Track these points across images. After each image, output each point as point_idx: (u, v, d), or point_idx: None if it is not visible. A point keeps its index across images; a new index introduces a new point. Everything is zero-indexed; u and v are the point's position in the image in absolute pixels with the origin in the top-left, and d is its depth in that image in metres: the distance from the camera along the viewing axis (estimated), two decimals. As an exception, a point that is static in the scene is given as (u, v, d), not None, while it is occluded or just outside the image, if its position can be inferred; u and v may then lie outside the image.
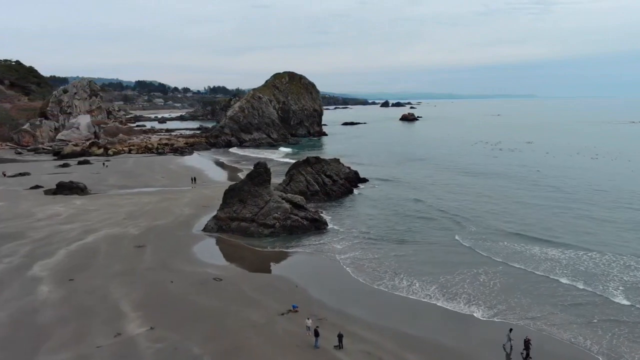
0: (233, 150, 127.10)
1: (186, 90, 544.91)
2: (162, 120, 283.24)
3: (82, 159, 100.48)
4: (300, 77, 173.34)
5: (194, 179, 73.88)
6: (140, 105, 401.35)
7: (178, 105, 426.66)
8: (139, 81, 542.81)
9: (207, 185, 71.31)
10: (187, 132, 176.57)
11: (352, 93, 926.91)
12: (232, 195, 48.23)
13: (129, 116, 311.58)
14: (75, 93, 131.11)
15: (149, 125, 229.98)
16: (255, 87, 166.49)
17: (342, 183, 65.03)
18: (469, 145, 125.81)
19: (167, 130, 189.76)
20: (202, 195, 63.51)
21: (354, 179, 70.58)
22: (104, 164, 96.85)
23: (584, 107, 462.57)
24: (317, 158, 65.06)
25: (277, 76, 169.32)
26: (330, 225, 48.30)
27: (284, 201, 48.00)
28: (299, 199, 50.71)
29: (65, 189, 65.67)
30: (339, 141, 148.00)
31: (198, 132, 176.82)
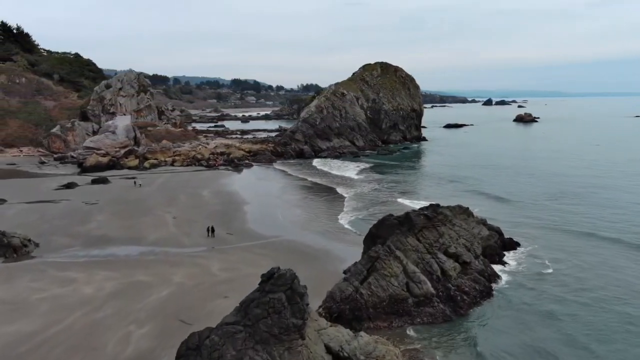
0: (302, 164, 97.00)
1: (279, 88, 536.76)
2: (246, 120, 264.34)
3: (97, 176, 75.33)
4: (396, 69, 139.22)
5: (211, 230, 44.00)
6: (233, 104, 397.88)
7: (269, 103, 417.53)
8: (234, 79, 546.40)
9: (228, 246, 41.08)
10: (263, 135, 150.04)
11: (449, 90, 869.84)
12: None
13: (216, 114, 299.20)
14: (120, 89, 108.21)
15: (230, 125, 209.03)
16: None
17: (479, 268, 31.43)
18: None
19: (243, 132, 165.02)
20: (203, 277, 33.33)
21: (498, 249, 36.73)
22: (135, 182, 70.87)
23: None
24: (427, 216, 31.63)
25: (366, 68, 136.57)
26: None
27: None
28: None
29: (-11, 246, 38.68)
30: (443, 150, 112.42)
31: (273, 134, 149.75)
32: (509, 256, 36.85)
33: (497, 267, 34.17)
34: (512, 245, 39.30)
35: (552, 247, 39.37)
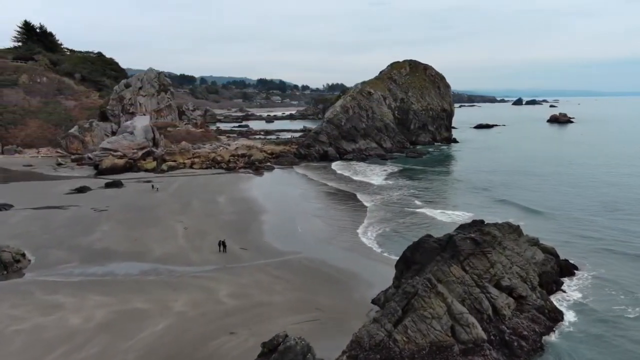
0: (326, 167, 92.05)
1: (305, 87, 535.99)
2: (270, 120, 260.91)
3: (111, 179, 71.94)
4: (425, 67, 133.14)
5: (222, 245, 39.51)
6: (258, 103, 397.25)
7: (295, 103, 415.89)
8: (260, 79, 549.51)
9: (240, 264, 36.44)
10: (287, 136, 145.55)
11: (476, 90, 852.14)
12: None
13: (241, 114, 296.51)
14: (140, 88, 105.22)
15: (254, 125, 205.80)
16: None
17: (538, 304, 25.95)
18: None
19: (266, 133, 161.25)
20: (208, 304, 28.73)
21: (555, 275, 31.12)
22: (153, 186, 67.43)
23: None
24: (475, 240, 26.36)
25: (395, 66, 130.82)
26: None
27: None
28: None
29: (-24, 262, 34.95)
30: (475, 154, 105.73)
31: (297, 135, 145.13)
32: (569, 284, 31.20)
33: (556, 299, 28.64)
34: (569, 269, 33.59)
35: (621, 275, 33.32)
